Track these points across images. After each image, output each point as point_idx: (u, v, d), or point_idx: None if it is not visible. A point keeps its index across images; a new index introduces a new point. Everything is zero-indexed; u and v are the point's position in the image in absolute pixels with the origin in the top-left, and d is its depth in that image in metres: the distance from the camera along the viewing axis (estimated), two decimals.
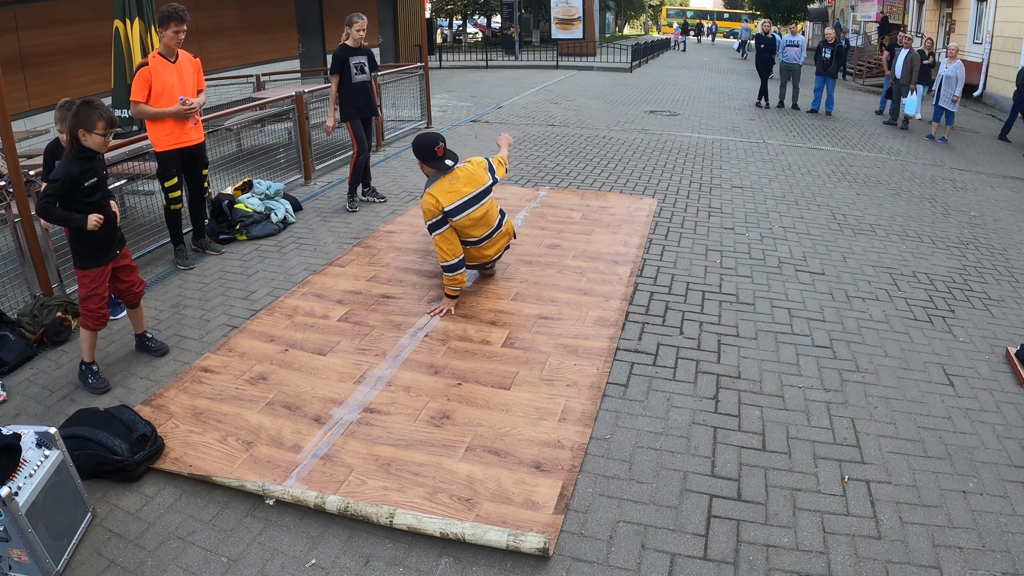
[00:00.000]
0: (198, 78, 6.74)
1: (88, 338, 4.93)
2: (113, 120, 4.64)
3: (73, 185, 4.59)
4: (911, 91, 15.58)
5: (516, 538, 3.43)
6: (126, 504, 3.83)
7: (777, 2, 47.02)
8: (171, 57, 6.45)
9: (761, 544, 3.53)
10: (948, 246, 7.91)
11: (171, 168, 6.60)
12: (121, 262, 5.07)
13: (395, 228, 7.96)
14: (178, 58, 6.50)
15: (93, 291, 4.83)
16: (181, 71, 6.50)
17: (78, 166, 4.60)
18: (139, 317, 5.36)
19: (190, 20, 6.46)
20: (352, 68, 8.37)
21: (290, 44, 20.10)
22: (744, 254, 7.33)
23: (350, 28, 8.34)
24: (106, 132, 4.60)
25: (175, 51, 6.48)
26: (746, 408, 4.66)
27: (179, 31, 6.33)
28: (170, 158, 6.56)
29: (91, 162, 4.69)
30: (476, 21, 58.01)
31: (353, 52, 8.38)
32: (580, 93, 20.77)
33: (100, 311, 4.88)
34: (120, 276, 5.08)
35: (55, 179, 4.55)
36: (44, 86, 12.27)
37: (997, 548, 3.53)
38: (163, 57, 6.42)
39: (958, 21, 25.70)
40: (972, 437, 4.43)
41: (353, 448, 4.19)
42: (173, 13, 6.28)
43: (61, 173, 4.55)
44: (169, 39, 6.36)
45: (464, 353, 5.25)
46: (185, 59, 6.58)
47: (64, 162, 4.63)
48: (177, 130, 6.54)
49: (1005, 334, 5.86)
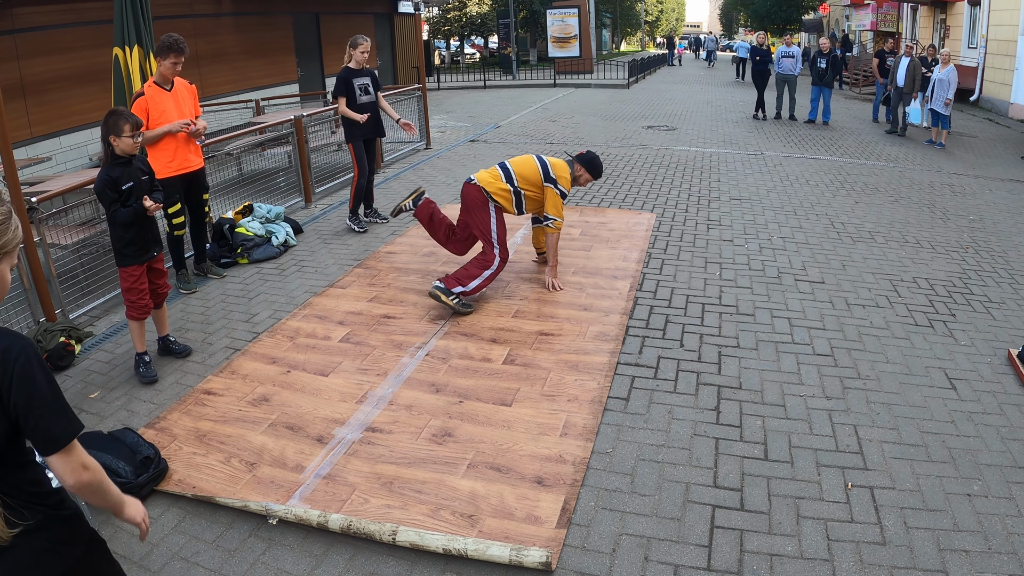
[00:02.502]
0: (194, 104, 6.80)
1: (135, 328, 5.38)
2: (138, 122, 5.08)
3: (115, 187, 5.04)
4: (913, 99, 15.59)
5: (519, 553, 3.42)
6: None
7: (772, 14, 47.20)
8: (166, 85, 6.54)
9: (765, 553, 3.53)
10: (948, 250, 7.91)
11: (174, 195, 6.64)
12: (155, 264, 5.45)
13: (395, 249, 7.99)
14: (174, 86, 6.57)
15: (132, 285, 5.28)
16: (178, 98, 6.58)
17: (115, 171, 5.06)
18: (163, 319, 5.71)
19: (189, 50, 6.53)
20: (356, 89, 8.40)
21: (289, 68, 20.23)
22: (743, 265, 7.35)
23: (354, 50, 8.35)
24: (133, 134, 5.01)
25: (171, 79, 6.55)
26: (748, 418, 4.66)
27: (177, 62, 6.43)
28: (173, 184, 6.61)
29: (126, 167, 5.12)
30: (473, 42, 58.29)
31: (356, 74, 8.42)
32: (578, 110, 20.84)
33: (141, 301, 5.31)
34: (152, 278, 5.43)
35: (100, 188, 5.06)
36: (45, 114, 12.36)
37: (1004, 550, 3.52)
38: (159, 86, 6.50)
39: (952, 27, 25.78)
40: (976, 440, 4.42)
41: (356, 467, 4.19)
42: (173, 44, 6.37)
43: (101, 180, 5.05)
44: (167, 69, 6.43)
45: (465, 371, 5.27)
46: (181, 86, 6.65)
47: (102, 170, 5.11)
48: (179, 156, 6.61)
49: (1007, 336, 5.86)
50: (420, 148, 14.25)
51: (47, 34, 12.40)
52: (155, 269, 5.44)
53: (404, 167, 12.55)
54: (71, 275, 6.53)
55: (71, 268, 6.63)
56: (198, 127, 6.63)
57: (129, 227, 5.14)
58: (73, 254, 6.79)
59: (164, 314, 5.70)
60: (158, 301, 5.55)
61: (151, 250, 5.35)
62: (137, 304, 5.29)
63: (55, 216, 6.47)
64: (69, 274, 6.52)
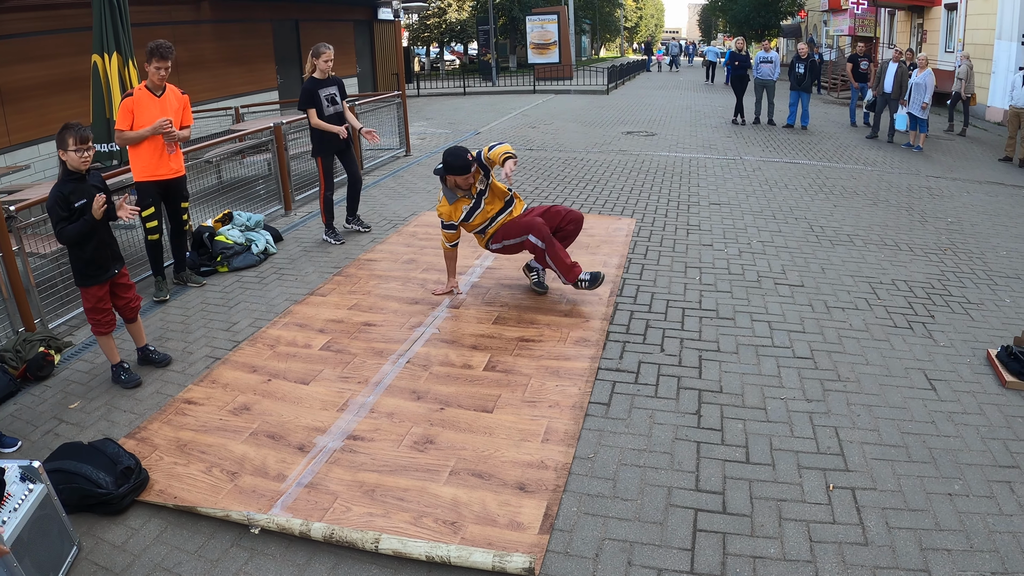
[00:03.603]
0: (184, 114, 6.78)
1: (105, 343, 5.34)
2: (85, 137, 4.95)
3: (66, 204, 4.90)
4: (901, 105, 15.63)
5: (502, 559, 3.42)
6: (112, 537, 3.80)
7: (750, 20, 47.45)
8: (157, 91, 6.51)
9: (748, 556, 3.54)
10: (926, 253, 7.98)
11: (148, 198, 6.60)
12: (119, 280, 5.35)
13: (376, 256, 7.97)
14: (164, 92, 6.55)
15: (95, 305, 5.20)
16: (166, 105, 6.54)
17: (67, 187, 4.93)
18: (139, 331, 5.63)
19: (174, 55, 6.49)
20: (323, 100, 8.15)
21: (268, 76, 20.16)
22: (723, 270, 7.38)
23: (317, 59, 8.08)
24: (79, 148, 4.87)
25: (161, 85, 6.52)
26: (729, 422, 4.68)
27: (160, 67, 6.37)
28: (147, 189, 6.58)
29: (79, 183, 4.99)
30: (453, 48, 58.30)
31: (322, 84, 8.16)
32: (557, 116, 20.88)
33: (105, 319, 5.24)
34: (118, 293, 5.36)
35: (50, 205, 4.91)
36: (24, 121, 12.25)
37: (985, 548, 3.55)
38: (149, 90, 6.47)
39: (929, 31, 26.02)
40: (956, 440, 4.46)
41: (337, 475, 4.18)
42: (155, 50, 6.33)
43: (52, 197, 4.91)
44: (152, 74, 6.40)
45: (446, 378, 5.26)
46: (172, 94, 6.63)
47: (54, 186, 4.99)
48: (156, 161, 6.57)
49: (986, 336, 5.91)
50: (400, 155, 14.23)
51: (26, 41, 12.31)
52: (120, 284, 5.37)
53: (384, 174, 12.54)
54: (50, 284, 6.48)
55: (50, 277, 6.57)
56: (176, 133, 6.57)
57: (85, 245, 5.03)
58: (52, 263, 6.73)
59: (139, 327, 5.62)
60: (131, 316, 5.49)
61: (111, 268, 5.26)
62: (102, 321, 5.23)
63: (34, 225, 6.41)
64: (48, 283, 6.47)
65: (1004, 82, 18.25)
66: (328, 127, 8.16)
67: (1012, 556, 3.50)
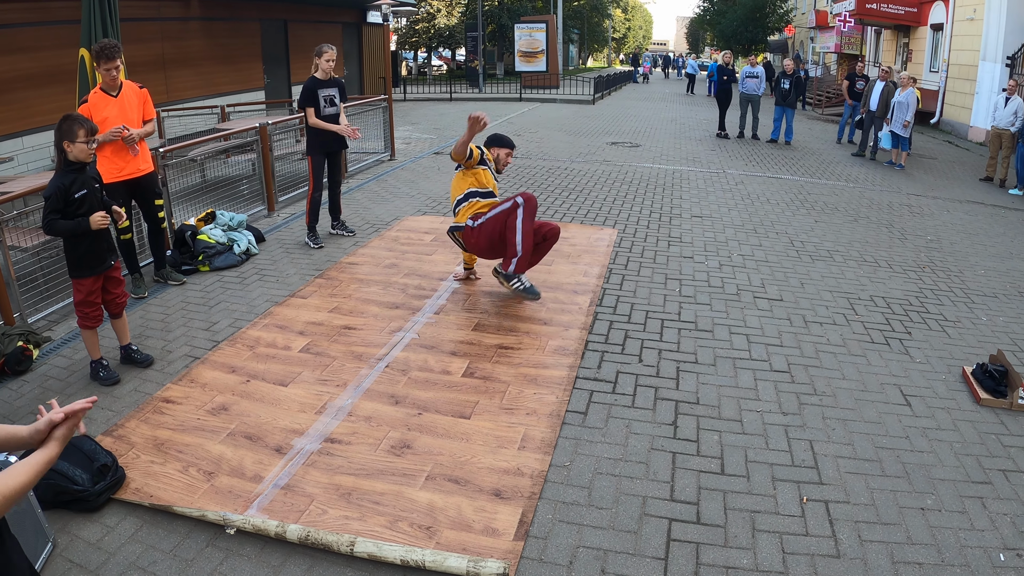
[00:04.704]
0: (145, 108, 6.74)
1: (88, 337, 5.31)
2: (93, 128, 4.97)
3: (64, 197, 4.93)
4: (886, 124, 15.71)
5: (476, 564, 3.43)
6: (87, 534, 3.79)
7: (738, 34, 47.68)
8: (112, 91, 6.47)
9: (720, 566, 3.56)
10: (905, 270, 8.05)
11: (117, 199, 6.56)
12: (112, 273, 5.37)
13: (357, 260, 7.97)
14: (121, 90, 6.51)
15: (86, 298, 5.19)
16: (124, 103, 6.51)
17: (67, 179, 4.95)
18: (123, 328, 5.61)
19: (122, 54, 6.45)
20: (322, 101, 8.17)
21: (255, 75, 20.14)
22: (703, 282, 7.42)
23: (319, 59, 8.12)
24: (88, 140, 4.92)
25: (116, 85, 6.51)
26: (705, 433, 4.71)
27: (110, 68, 6.30)
28: (115, 190, 6.45)
29: (79, 175, 5.02)
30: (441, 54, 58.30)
31: (323, 84, 8.19)
32: (543, 125, 20.94)
33: (94, 313, 5.25)
34: (108, 287, 5.37)
35: (48, 194, 4.93)
36: (9, 113, 12.18)
37: (956, 563, 3.59)
38: (104, 92, 6.45)
39: (915, 51, 26.28)
40: (930, 455, 4.51)
41: (314, 478, 4.18)
42: (100, 52, 6.27)
43: (52, 187, 4.93)
44: (103, 75, 6.35)
45: (425, 383, 5.27)
46: (129, 90, 6.59)
47: (54, 177, 5.02)
48: (119, 161, 6.52)
49: (961, 354, 5.98)
50: (384, 159, 14.21)
51: (12, 32, 12.24)
52: (112, 278, 5.37)
53: (368, 178, 12.53)
54: (31, 278, 6.44)
55: (31, 271, 6.53)
56: (131, 134, 6.48)
57: (80, 238, 5.04)
58: (33, 257, 6.69)
59: (124, 324, 5.60)
60: (116, 311, 5.49)
61: (107, 260, 5.28)
62: (90, 315, 5.24)
63: (16, 219, 6.38)
64: (28, 277, 6.43)
65: (987, 103, 18.43)
66: (328, 126, 8.19)
67: (983, 570, 3.54)
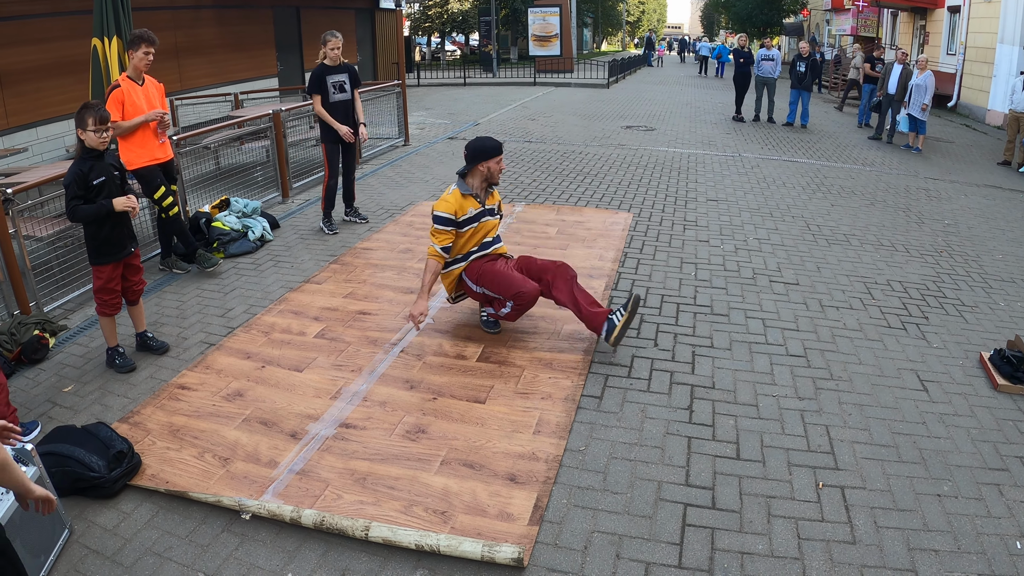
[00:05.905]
0: (162, 101, 6.86)
1: (107, 324, 5.37)
2: (104, 117, 4.97)
3: (83, 183, 4.98)
4: (904, 107, 15.57)
5: (491, 549, 3.43)
6: (103, 521, 3.81)
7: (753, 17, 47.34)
8: (138, 80, 6.55)
9: (736, 551, 3.55)
10: (922, 254, 7.98)
11: (154, 180, 6.68)
12: (131, 261, 5.41)
13: (372, 245, 7.97)
14: (144, 82, 6.60)
15: (106, 285, 5.24)
16: (148, 94, 6.64)
17: (85, 165, 5.00)
18: (139, 315, 5.65)
19: (159, 44, 6.54)
20: (330, 87, 8.17)
21: (268, 62, 20.14)
22: (719, 266, 7.39)
23: (324, 47, 8.15)
24: (97, 128, 4.92)
25: (142, 75, 6.59)
26: (720, 418, 4.69)
27: (148, 52, 6.42)
28: (152, 172, 6.67)
29: (97, 162, 5.05)
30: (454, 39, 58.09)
31: (331, 71, 8.18)
32: (557, 109, 20.87)
33: (113, 300, 5.29)
34: (126, 275, 5.40)
35: (68, 182, 4.99)
36: (22, 104, 12.25)
37: (973, 550, 3.56)
38: (132, 80, 6.51)
39: (932, 33, 26.03)
40: (947, 441, 4.47)
41: (329, 463, 4.19)
42: (144, 35, 6.41)
43: (71, 174, 5.00)
44: (139, 60, 6.43)
45: (439, 368, 5.27)
46: (150, 83, 6.72)
47: (73, 164, 5.08)
48: (150, 145, 6.66)
49: (979, 339, 5.92)
50: (399, 144, 14.22)
51: (23, 23, 12.28)
52: (131, 266, 5.40)
53: (382, 163, 12.53)
54: (46, 268, 6.47)
55: (46, 261, 6.56)
56: (164, 116, 6.68)
57: (102, 224, 5.08)
58: (48, 247, 6.73)
59: (140, 311, 5.63)
60: (134, 299, 5.52)
61: (128, 247, 5.31)
62: (109, 303, 5.27)
63: (31, 208, 6.41)
64: (44, 267, 6.46)
65: (1005, 86, 18.26)
66: (330, 121, 8.17)
67: (999, 558, 3.51)
